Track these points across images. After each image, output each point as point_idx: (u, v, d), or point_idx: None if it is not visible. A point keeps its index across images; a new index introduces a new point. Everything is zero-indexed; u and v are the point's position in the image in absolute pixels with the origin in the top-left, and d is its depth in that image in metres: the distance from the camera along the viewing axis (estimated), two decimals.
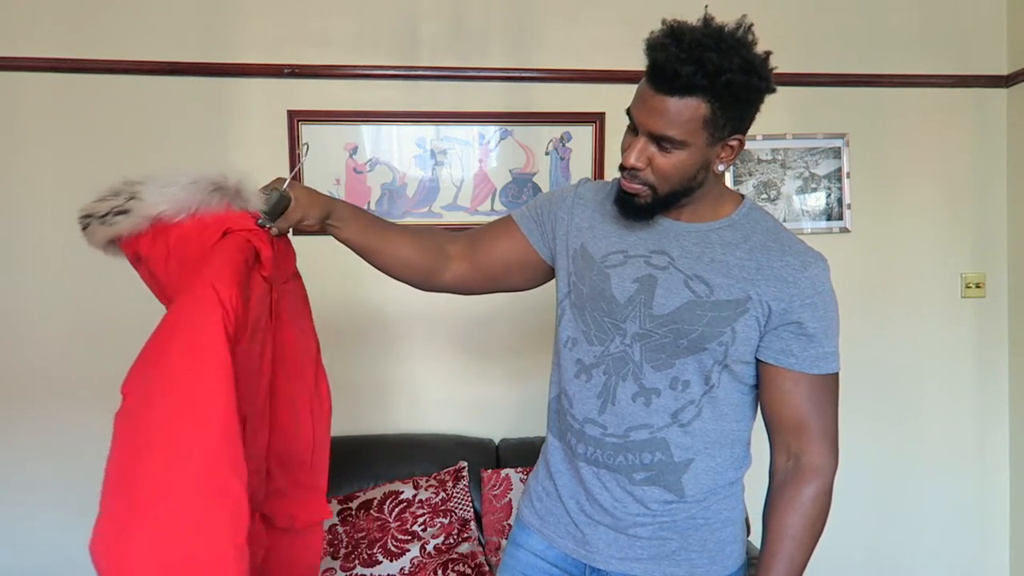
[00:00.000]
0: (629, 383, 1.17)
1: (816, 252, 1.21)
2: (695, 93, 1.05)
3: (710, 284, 1.15)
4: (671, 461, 1.18)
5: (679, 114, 1.06)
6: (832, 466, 1.19)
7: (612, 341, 1.19)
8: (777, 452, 1.21)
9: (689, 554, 1.20)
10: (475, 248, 1.32)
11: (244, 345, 1.01)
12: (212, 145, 2.25)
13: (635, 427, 1.17)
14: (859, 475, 2.46)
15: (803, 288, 1.15)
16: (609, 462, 1.19)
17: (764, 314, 1.14)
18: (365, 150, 2.31)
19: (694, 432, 1.18)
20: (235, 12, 2.23)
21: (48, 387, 2.22)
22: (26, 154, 2.19)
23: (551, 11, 2.27)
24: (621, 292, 1.19)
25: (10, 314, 2.21)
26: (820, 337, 1.16)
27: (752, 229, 1.20)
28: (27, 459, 2.22)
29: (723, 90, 1.05)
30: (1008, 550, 2.59)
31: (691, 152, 1.10)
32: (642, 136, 1.10)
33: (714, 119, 1.08)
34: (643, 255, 1.20)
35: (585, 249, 1.24)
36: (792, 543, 1.16)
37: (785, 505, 1.17)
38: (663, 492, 1.19)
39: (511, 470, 2.19)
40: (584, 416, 1.21)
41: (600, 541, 1.21)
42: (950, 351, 2.55)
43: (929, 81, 2.48)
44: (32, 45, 2.16)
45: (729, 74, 1.04)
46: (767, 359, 1.17)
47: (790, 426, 1.18)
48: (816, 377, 1.17)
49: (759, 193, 2.45)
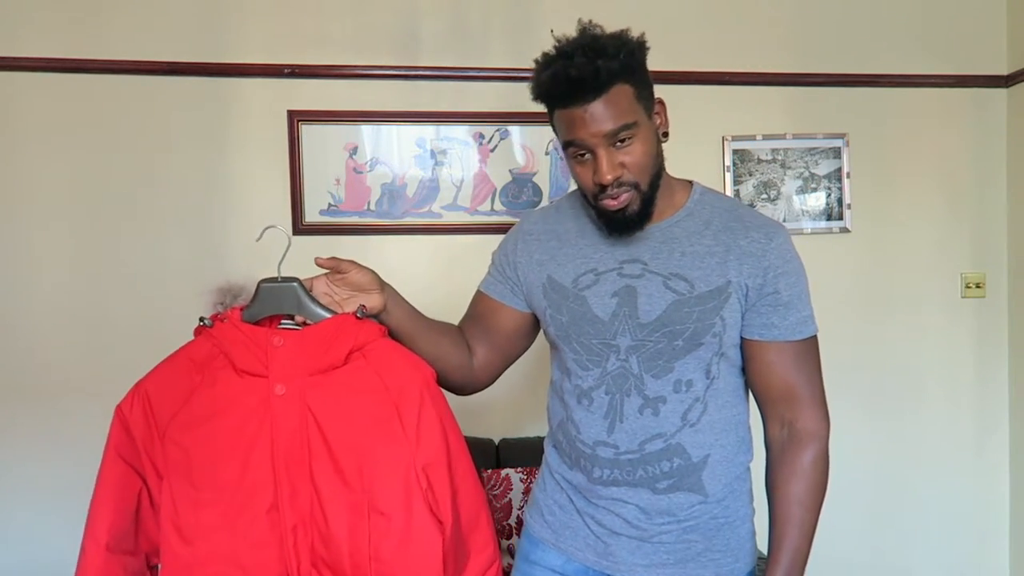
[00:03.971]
0: (633, 397, 1.17)
1: (775, 221, 1.23)
2: (615, 80, 1.08)
3: (689, 279, 1.16)
4: (690, 463, 1.18)
5: (616, 104, 1.09)
6: (825, 428, 1.20)
7: (607, 360, 1.18)
8: (770, 423, 1.22)
9: (714, 554, 1.20)
10: (489, 333, 1.31)
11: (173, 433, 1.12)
12: (212, 145, 2.25)
13: (648, 439, 1.17)
14: (859, 475, 2.46)
15: (773, 259, 1.17)
16: (629, 479, 1.19)
17: (743, 293, 1.16)
18: (365, 150, 2.31)
19: (703, 428, 1.18)
20: (235, 12, 2.23)
21: (48, 387, 2.22)
22: (26, 154, 2.19)
23: (551, 11, 2.28)
24: (602, 310, 1.18)
25: (9, 314, 2.20)
26: (796, 303, 1.18)
27: (711, 213, 1.21)
28: (26, 459, 2.22)
29: (631, 62, 1.10)
30: (1008, 550, 2.58)
31: (644, 130, 1.13)
32: (600, 150, 1.11)
33: (639, 92, 1.12)
34: (614, 268, 1.20)
35: (553, 280, 1.24)
36: (800, 508, 1.17)
37: (787, 473, 1.18)
38: (687, 495, 1.19)
39: (511, 470, 2.19)
40: (594, 439, 1.20)
41: (623, 550, 1.20)
42: (950, 351, 2.55)
43: (929, 81, 2.48)
44: (32, 45, 2.16)
45: (625, 47, 1.10)
46: (750, 335, 1.18)
47: (780, 396, 1.20)
48: (798, 343, 1.18)
49: (759, 193, 2.45)
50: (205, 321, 1.17)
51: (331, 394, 1.13)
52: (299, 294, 1.17)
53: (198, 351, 1.16)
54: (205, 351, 1.15)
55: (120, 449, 1.15)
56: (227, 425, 1.12)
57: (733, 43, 2.41)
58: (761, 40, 2.43)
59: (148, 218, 2.22)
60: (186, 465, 1.11)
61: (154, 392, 1.14)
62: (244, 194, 2.26)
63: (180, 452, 1.12)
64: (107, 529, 1.13)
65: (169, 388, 1.14)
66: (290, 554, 1.11)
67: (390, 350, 1.17)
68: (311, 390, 1.12)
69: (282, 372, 1.12)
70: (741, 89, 2.40)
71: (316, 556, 1.11)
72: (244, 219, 2.25)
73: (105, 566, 1.12)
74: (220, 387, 1.13)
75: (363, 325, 1.16)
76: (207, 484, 1.11)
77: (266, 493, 1.11)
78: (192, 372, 1.15)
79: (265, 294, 1.17)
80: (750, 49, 2.41)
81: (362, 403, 1.13)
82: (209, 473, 1.11)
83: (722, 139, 2.42)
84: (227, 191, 2.26)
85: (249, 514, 1.11)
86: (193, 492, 1.11)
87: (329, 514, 1.10)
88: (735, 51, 2.41)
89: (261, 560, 1.10)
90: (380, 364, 1.14)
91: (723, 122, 2.42)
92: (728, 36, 2.41)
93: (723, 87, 2.40)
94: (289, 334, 1.14)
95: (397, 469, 1.11)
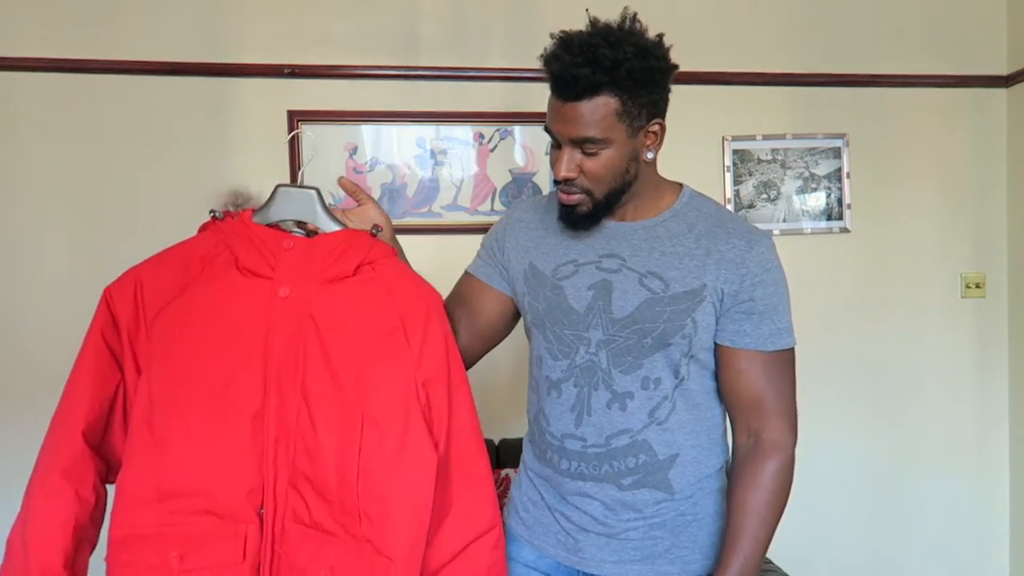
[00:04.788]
0: (601, 391, 1.18)
1: (761, 231, 1.22)
2: (600, 90, 1.07)
3: (665, 279, 1.16)
4: (656, 460, 1.18)
5: (592, 114, 1.08)
6: (791, 441, 1.20)
7: (577, 352, 1.19)
8: (738, 431, 1.22)
9: (681, 551, 1.21)
10: (472, 317, 1.31)
11: (162, 323, 1.05)
12: (212, 145, 2.25)
13: (615, 434, 1.18)
14: (859, 475, 2.46)
15: (752, 267, 1.16)
16: (595, 473, 1.19)
17: (718, 299, 1.16)
18: (365, 150, 2.31)
19: (672, 427, 1.18)
20: (235, 12, 2.23)
21: (47, 387, 2.22)
22: (26, 154, 2.19)
23: (551, 11, 2.28)
24: (578, 302, 1.19)
25: (9, 314, 2.20)
26: (771, 314, 1.17)
27: (696, 216, 1.21)
28: (26, 459, 2.22)
29: (626, 80, 1.07)
30: (1008, 550, 2.58)
31: (616, 148, 1.11)
32: (565, 148, 1.12)
33: (627, 110, 1.09)
34: (593, 261, 1.20)
35: (534, 266, 1.25)
36: (755, 519, 1.16)
37: (747, 482, 1.17)
38: (653, 492, 1.19)
39: (511, 470, 2.19)
40: (562, 432, 1.21)
41: (592, 547, 1.21)
42: (950, 351, 2.55)
43: (929, 81, 2.48)
44: (33, 45, 2.16)
45: (626, 63, 1.06)
46: (722, 341, 1.18)
47: (748, 404, 1.19)
48: (770, 354, 1.18)
49: (759, 193, 2.45)
50: (216, 213, 1.13)
51: (337, 303, 1.08)
52: (315, 203, 1.14)
53: (202, 244, 1.11)
54: (209, 245, 1.11)
55: (105, 333, 1.08)
56: (221, 323, 1.05)
57: (733, 43, 2.41)
58: (761, 40, 2.43)
59: (148, 218, 2.22)
60: (169, 360, 1.04)
61: (147, 279, 1.08)
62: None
63: (165, 346, 1.04)
64: (84, 415, 1.05)
65: (164, 277, 1.08)
66: (268, 468, 1.04)
67: (400, 268, 1.15)
68: (316, 298, 1.08)
69: (288, 275, 1.08)
70: (741, 89, 2.40)
71: (297, 472, 1.04)
72: None
73: (80, 458, 1.05)
74: (219, 283, 1.08)
75: (376, 242, 1.14)
76: (190, 383, 1.03)
77: (252, 400, 1.04)
78: (191, 264, 1.09)
79: (281, 196, 1.15)
80: (750, 49, 2.41)
81: (367, 314, 1.08)
82: (193, 372, 1.03)
83: (722, 139, 2.42)
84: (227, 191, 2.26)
85: (230, 420, 1.03)
86: (172, 390, 1.03)
87: (319, 425, 1.03)
88: (735, 51, 2.41)
89: (237, 470, 1.03)
90: (389, 279, 1.11)
91: (723, 122, 2.42)
92: (728, 36, 2.41)
93: (723, 87, 2.40)
94: (300, 240, 1.11)
95: (397, 381, 1.06)
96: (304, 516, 1.05)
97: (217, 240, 1.11)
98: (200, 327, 1.05)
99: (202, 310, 1.06)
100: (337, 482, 1.03)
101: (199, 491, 1.02)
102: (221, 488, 1.02)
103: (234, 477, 1.03)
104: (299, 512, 1.05)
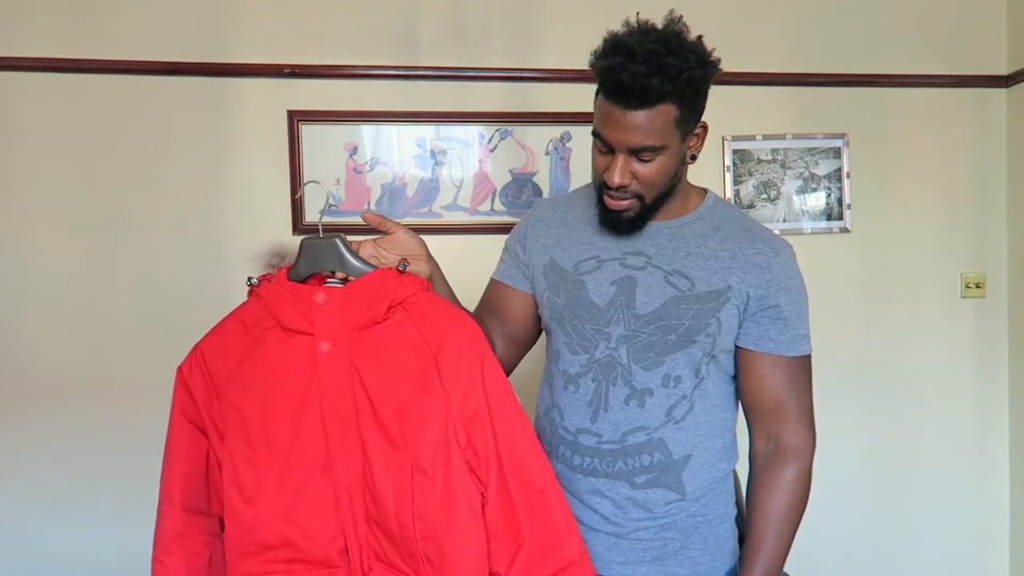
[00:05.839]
0: (620, 387, 1.18)
1: (782, 239, 1.23)
2: (664, 99, 1.07)
3: (690, 278, 1.17)
4: (670, 459, 1.18)
5: (652, 123, 1.08)
6: (811, 446, 1.21)
7: (597, 347, 1.19)
8: (757, 437, 1.23)
9: (691, 552, 1.21)
10: (504, 324, 1.32)
11: (228, 392, 1.13)
12: (212, 145, 2.25)
13: (631, 431, 1.18)
14: (859, 475, 2.46)
15: (777, 273, 1.17)
16: (608, 469, 1.19)
17: (743, 301, 1.17)
18: (365, 150, 2.31)
19: (688, 427, 1.18)
20: (235, 12, 2.23)
21: (47, 387, 2.22)
22: (25, 154, 2.18)
23: (551, 11, 2.27)
24: (600, 296, 1.19)
25: (8, 314, 2.20)
26: (795, 320, 1.19)
27: (721, 220, 1.22)
28: (26, 459, 2.22)
29: (686, 87, 1.08)
30: (1008, 550, 2.58)
31: (670, 153, 1.12)
32: (620, 155, 1.11)
33: (683, 117, 1.11)
34: (617, 257, 1.20)
35: (555, 262, 1.25)
36: (778, 522, 1.17)
37: (769, 486, 1.18)
38: (665, 492, 1.19)
39: None
40: (576, 427, 1.21)
41: (600, 547, 1.21)
42: (950, 351, 2.55)
43: (929, 81, 2.48)
44: (31, 45, 2.16)
45: (689, 72, 1.07)
46: (746, 345, 1.19)
47: (769, 409, 1.20)
48: (792, 360, 1.19)
49: (759, 193, 2.45)
50: (253, 281, 1.16)
51: (372, 351, 1.11)
52: (340, 249, 1.15)
53: (249, 312, 1.16)
54: (255, 311, 1.15)
55: (184, 409, 1.16)
56: (278, 384, 1.11)
57: (733, 43, 2.40)
58: (761, 40, 2.43)
59: (147, 218, 2.22)
60: (242, 425, 1.12)
61: (209, 353, 1.15)
62: (244, 194, 2.26)
63: (235, 412, 1.12)
64: (180, 488, 1.16)
65: (223, 349, 1.15)
66: (345, 512, 1.10)
67: (432, 303, 1.15)
68: (354, 347, 1.10)
69: (326, 329, 1.11)
70: (741, 89, 2.40)
71: (370, 515, 1.11)
72: (244, 219, 2.25)
73: (183, 524, 1.16)
74: (270, 346, 1.13)
75: (404, 279, 1.14)
76: (262, 444, 1.11)
77: (318, 452, 1.10)
78: (243, 332, 1.15)
79: (307, 251, 1.16)
80: (750, 49, 2.41)
81: (402, 359, 1.10)
82: (263, 433, 1.11)
83: (722, 139, 2.42)
84: (227, 191, 2.26)
85: (303, 473, 1.11)
86: (250, 452, 1.11)
87: (376, 473, 1.09)
88: (735, 51, 2.39)
89: (318, 519, 1.10)
90: (421, 318, 1.12)
91: (723, 122, 2.41)
92: (728, 36, 2.39)
93: (723, 87, 2.37)
94: (332, 291, 1.13)
95: (435, 427, 1.08)
96: (383, 556, 1.11)
97: (261, 305, 1.15)
98: (260, 390, 1.12)
99: (260, 374, 1.12)
100: (398, 528, 1.08)
101: (287, 543, 1.11)
102: (306, 538, 1.11)
103: (316, 526, 1.10)
104: (379, 552, 1.11)
